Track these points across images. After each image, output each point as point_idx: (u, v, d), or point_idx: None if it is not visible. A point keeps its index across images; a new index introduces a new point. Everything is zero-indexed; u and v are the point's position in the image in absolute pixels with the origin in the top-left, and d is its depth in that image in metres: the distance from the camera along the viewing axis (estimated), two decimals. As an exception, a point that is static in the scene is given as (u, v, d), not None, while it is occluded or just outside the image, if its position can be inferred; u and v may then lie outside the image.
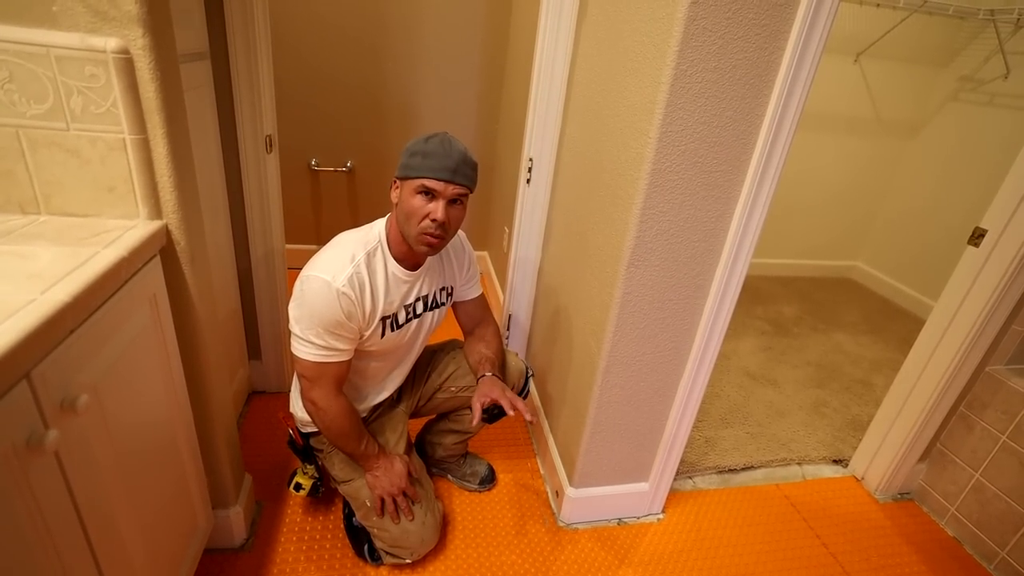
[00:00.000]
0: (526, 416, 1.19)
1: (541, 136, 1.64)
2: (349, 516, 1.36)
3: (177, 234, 0.95)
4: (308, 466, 1.36)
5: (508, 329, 1.93)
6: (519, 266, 1.86)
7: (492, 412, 1.24)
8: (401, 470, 1.27)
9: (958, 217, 2.81)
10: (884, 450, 1.72)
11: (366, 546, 1.31)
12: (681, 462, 1.53)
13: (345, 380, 1.19)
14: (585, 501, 1.48)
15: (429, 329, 1.32)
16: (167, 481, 0.99)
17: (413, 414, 1.47)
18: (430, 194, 1.08)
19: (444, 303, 1.33)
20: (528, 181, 1.72)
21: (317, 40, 2.29)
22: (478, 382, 1.29)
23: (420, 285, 1.23)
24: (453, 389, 1.41)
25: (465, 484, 1.58)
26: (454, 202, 1.10)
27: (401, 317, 1.21)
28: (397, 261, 1.17)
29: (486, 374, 1.29)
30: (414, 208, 1.08)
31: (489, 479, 1.59)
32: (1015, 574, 1.47)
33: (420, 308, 1.25)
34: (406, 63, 2.41)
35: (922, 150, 3.03)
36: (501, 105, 2.58)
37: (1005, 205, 1.38)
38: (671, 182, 1.08)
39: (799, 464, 1.83)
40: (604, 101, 1.27)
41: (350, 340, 1.14)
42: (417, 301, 1.24)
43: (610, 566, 1.40)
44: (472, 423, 1.24)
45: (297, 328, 1.10)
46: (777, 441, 1.89)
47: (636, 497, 1.53)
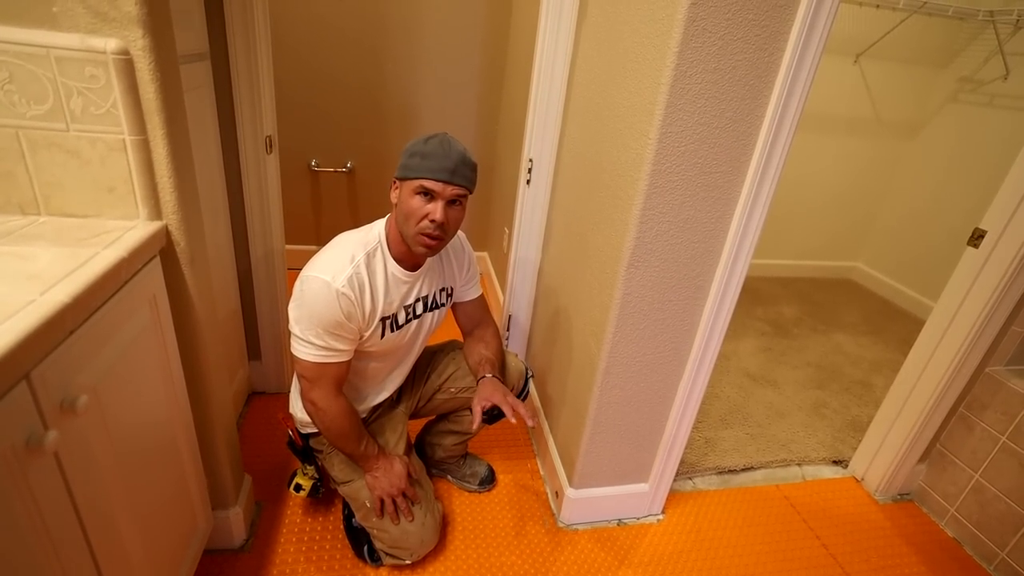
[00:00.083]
0: (528, 422, 1.19)
1: (541, 137, 1.64)
2: (349, 517, 1.36)
3: (177, 235, 0.95)
4: (308, 467, 1.36)
5: (508, 330, 1.93)
6: (519, 267, 1.86)
7: (492, 413, 1.24)
8: (401, 471, 1.27)
9: (958, 218, 2.82)
10: (884, 451, 1.72)
11: (366, 547, 1.31)
12: (681, 463, 1.53)
13: (345, 381, 1.19)
14: (585, 502, 1.48)
15: (429, 330, 1.32)
16: (167, 482, 0.99)
17: (413, 415, 1.47)
18: (429, 195, 1.08)
19: (444, 304, 1.33)
20: (528, 182, 1.72)
21: (317, 41, 2.29)
22: (478, 384, 1.29)
23: (420, 286, 1.23)
24: (453, 390, 1.41)
25: (465, 485, 1.58)
26: (453, 203, 1.10)
27: (401, 318, 1.21)
28: (397, 262, 1.17)
29: (486, 376, 1.29)
30: (413, 208, 1.08)
31: (489, 480, 1.58)
32: (1015, 575, 1.47)
33: (420, 309, 1.25)
34: (406, 64, 2.41)
35: (922, 151, 3.03)
36: (501, 106, 2.58)
37: (1005, 206, 1.38)
38: (671, 183, 1.08)
39: (799, 465, 1.83)
40: (604, 102, 1.27)
41: (350, 341, 1.14)
42: (417, 302, 1.24)
43: (610, 567, 1.40)
44: (472, 426, 1.24)
45: (297, 329, 1.10)
46: (777, 442, 1.89)
47: (636, 498, 1.53)
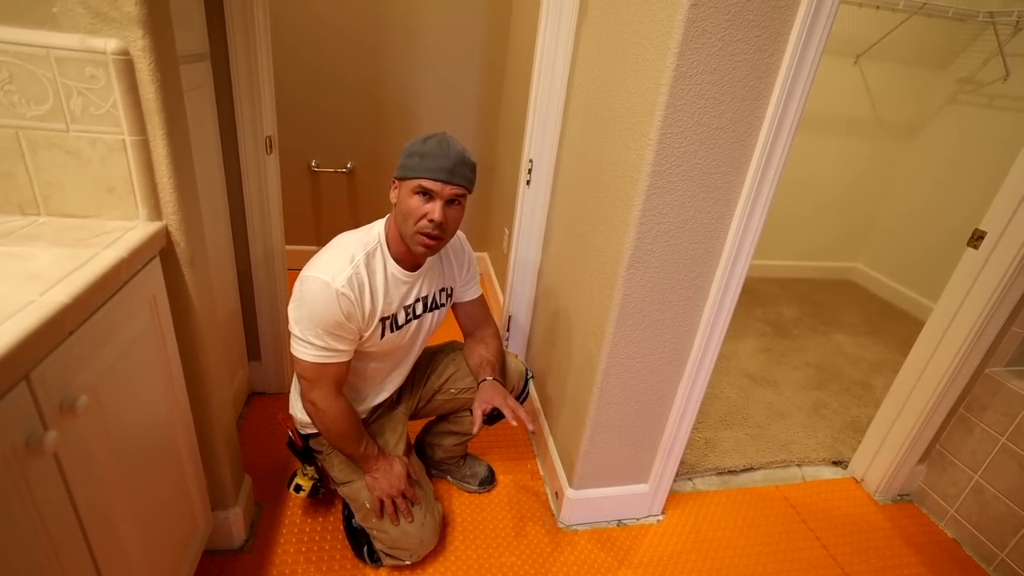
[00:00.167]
0: (529, 427, 1.19)
1: (541, 137, 1.64)
2: (348, 517, 1.36)
3: (177, 235, 0.95)
4: (308, 467, 1.36)
5: (508, 330, 1.93)
6: (519, 267, 1.86)
7: (492, 414, 1.24)
8: (400, 472, 1.27)
9: (958, 219, 2.82)
10: (884, 452, 1.72)
11: (365, 547, 1.31)
12: (681, 463, 1.53)
13: (345, 381, 1.19)
14: (585, 502, 1.48)
15: (429, 330, 1.32)
16: (166, 482, 0.99)
17: (413, 415, 1.47)
18: (427, 194, 1.07)
19: (444, 304, 1.33)
20: (528, 182, 1.72)
21: (317, 41, 2.29)
22: (479, 386, 1.29)
23: (420, 286, 1.23)
24: (453, 391, 1.41)
25: (465, 485, 1.58)
26: (452, 202, 1.10)
27: (400, 318, 1.21)
28: (396, 262, 1.17)
29: (487, 378, 1.29)
30: (411, 208, 1.08)
31: (489, 480, 1.58)
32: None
33: (419, 309, 1.25)
34: (406, 64, 2.41)
35: (922, 152, 3.03)
36: (501, 106, 2.58)
37: (1004, 207, 1.38)
38: (671, 184, 1.08)
39: (799, 466, 1.83)
40: (604, 103, 1.28)
41: (350, 341, 1.14)
42: (417, 302, 1.24)
43: (610, 567, 1.40)
44: (473, 428, 1.24)
45: (296, 329, 1.10)
46: (777, 442, 1.89)
47: (636, 498, 1.53)
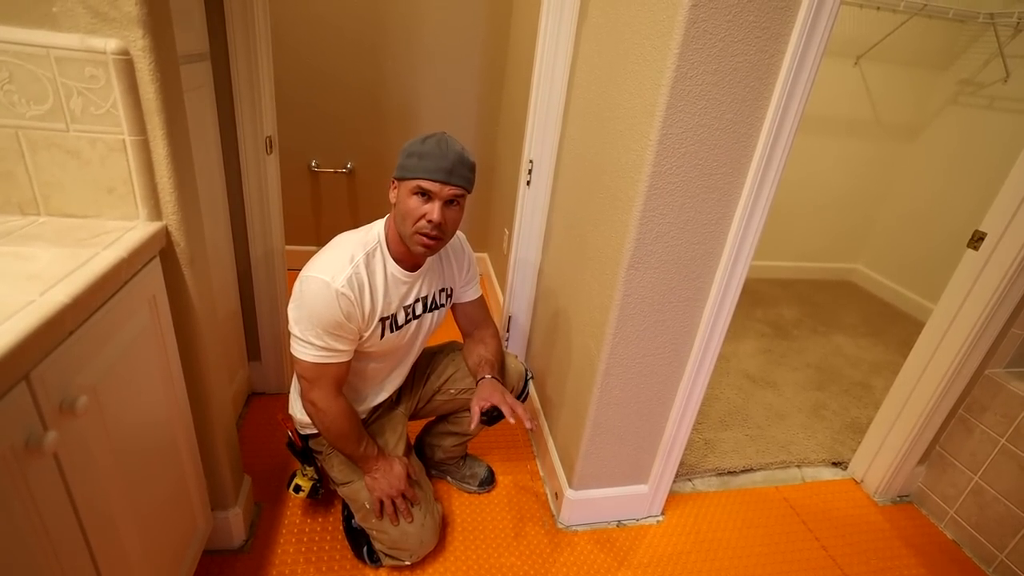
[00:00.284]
0: (526, 423, 1.19)
1: (541, 138, 1.64)
2: (348, 518, 1.35)
3: (177, 235, 0.95)
4: (307, 468, 1.36)
5: (508, 331, 1.93)
6: (519, 268, 1.86)
7: (491, 414, 1.24)
8: (400, 472, 1.27)
9: (958, 220, 2.81)
10: (883, 453, 1.72)
11: (365, 548, 1.31)
12: (680, 464, 1.53)
13: (345, 381, 1.19)
14: (584, 503, 1.48)
15: (428, 330, 1.32)
16: (166, 482, 0.99)
17: (412, 416, 1.47)
18: (426, 195, 1.07)
19: (443, 304, 1.33)
20: (528, 183, 1.72)
21: (317, 41, 2.29)
22: (477, 385, 1.29)
23: (419, 286, 1.23)
24: (452, 391, 1.41)
25: (464, 486, 1.58)
26: (451, 203, 1.10)
27: (400, 318, 1.21)
28: (396, 262, 1.17)
29: (485, 377, 1.29)
30: (410, 209, 1.08)
31: (488, 481, 1.58)
32: (1014, 577, 1.47)
33: (419, 309, 1.25)
34: (406, 64, 2.41)
35: (922, 153, 3.03)
36: (501, 106, 2.58)
37: (1005, 208, 1.38)
38: (671, 184, 1.08)
39: (798, 466, 1.83)
40: (604, 103, 1.27)
41: (349, 341, 1.14)
42: (416, 302, 1.24)
43: (609, 568, 1.40)
44: (471, 426, 1.24)
45: (296, 329, 1.10)
46: (776, 443, 1.89)
47: (635, 499, 1.53)
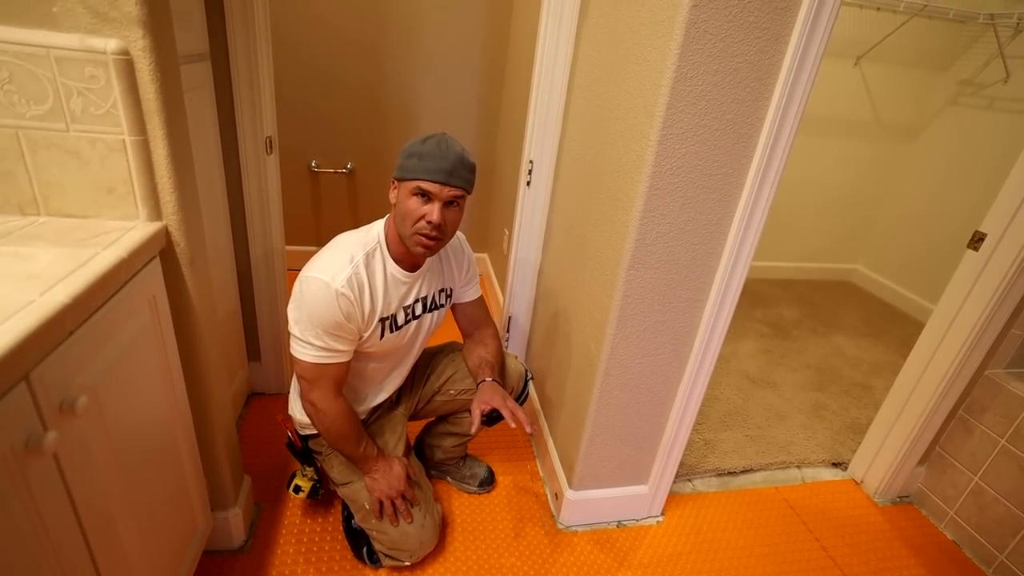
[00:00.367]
0: (526, 428, 1.19)
1: (542, 138, 1.64)
2: (348, 518, 1.35)
3: (177, 235, 0.95)
4: (307, 468, 1.36)
5: (508, 331, 1.93)
6: (519, 268, 1.85)
7: (491, 415, 1.24)
8: (400, 473, 1.26)
9: (958, 221, 2.82)
10: (883, 453, 1.72)
11: (365, 548, 1.31)
12: (680, 465, 1.53)
13: (344, 382, 1.19)
14: (584, 503, 1.48)
15: (428, 331, 1.32)
16: (166, 483, 0.99)
17: (412, 416, 1.46)
18: (426, 196, 1.07)
19: (443, 305, 1.33)
20: (528, 183, 1.72)
21: (317, 41, 2.29)
22: (478, 387, 1.29)
23: (419, 286, 1.23)
24: (452, 392, 1.41)
25: (464, 486, 1.57)
26: (450, 204, 1.09)
27: (400, 318, 1.21)
28: (396, 262, 1.17)
29: (486, 379, 1.29)
30: (410, 209, 1.08)
31: (488, 481, 1.58)
32: (1014, 578, 1.47)
33: (419, 310, 1.25)
34: (406, 64, 2.41)
35: (922, 154, 3.03)
36: (501, 107, 2.58)
37: (1005, 209, 1.38)
38: (671, 185, 1.08)
39: (798, 467, 1.83)
40: (605, 103, 1.27)
41: (349, 341, 1.14)
42: (416, 302, 1.24)
43: (609, 568, 1.40)
44: (471, 429, 1.24)
45: (296, 329, 1.10)
46: (776, 444, 1.89)
47: (635, 500, 1.53)
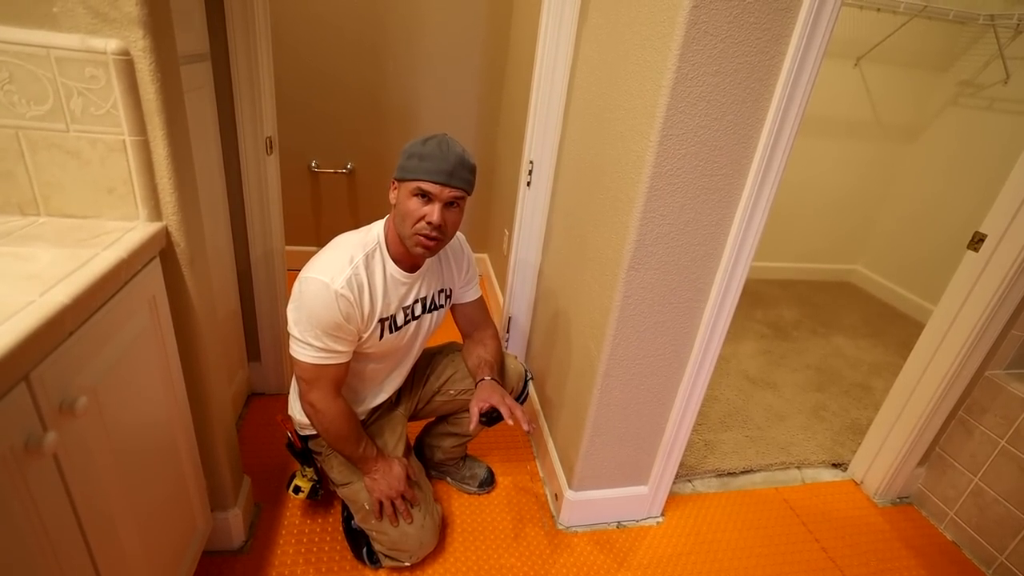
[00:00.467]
0: (524, 426, 1.19)
1: (542, 139, 1.64)
2: (348, 519, 1.35)
3: (177, 236, 0.95)
4: (307, 469, 1.36)
5: (508, 332, 1.93)
6: (519, 269, 1.85)
7: (491, 415, 1.24)
8: (400, 473, 1.26)
9: (958, 222, 2.82)
10: (883, 454, 1.72)
11: (365, 549, 1.30)
12: (680, 465, 1.53)
13: (344, 382, 1.19)
14: (584, 504, 1.48)
15: (428, 331, 1.32)
16: (166, 483, 0.99)
17: (412, 417, 1.46)
18: (426, 196, 1.07)
19: (443, 305, 1.33)
20: (528, 184, 1.72)
21: (317, 41, 2.29)
22: (477, 386, 1.29)
23: (419, 287, 1.23)
24: (452, 392, 1.41)
25: (464, 487, 1.57)
26: (451, 205, 1.09)
27: (399, 319, 1.21)
28: (396, 263, 1.17)
29: (485, 378, 1.29)
30: (410, 210, 1.08)
31: (488, 482, 1.58)
32: (1014, 579, 1.47)
33: (418, 310, 1.25)
34: (406, 65, 2.41)
35: (922, 155, 3.03)
36: (502, 107, 2.58)
37: (1005, 210, 1.38)
38: (672, 185, 1.08)
39: (798, 468, 1.83)
40: (605, 104, 1.28)
41: (349, 342, 1.13)
42: (416, 303, 1.24)
43: (609, 569, 1.40)
44: (470, 427, 1.24)
45: (296, 330, 1.10)
46: (776, 445, 1.89)
47: (635, 500, 1.53)
